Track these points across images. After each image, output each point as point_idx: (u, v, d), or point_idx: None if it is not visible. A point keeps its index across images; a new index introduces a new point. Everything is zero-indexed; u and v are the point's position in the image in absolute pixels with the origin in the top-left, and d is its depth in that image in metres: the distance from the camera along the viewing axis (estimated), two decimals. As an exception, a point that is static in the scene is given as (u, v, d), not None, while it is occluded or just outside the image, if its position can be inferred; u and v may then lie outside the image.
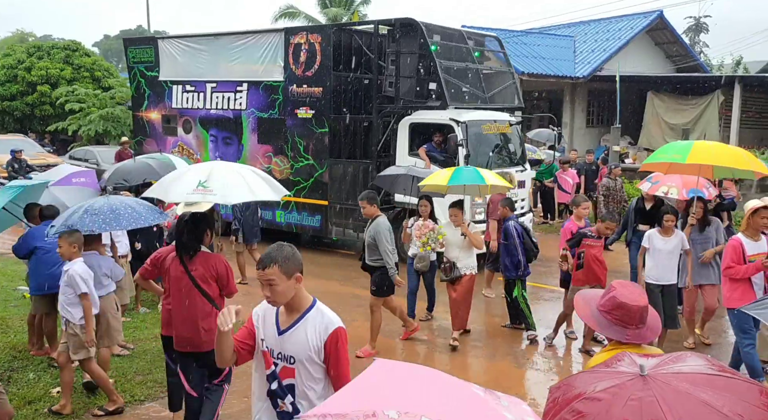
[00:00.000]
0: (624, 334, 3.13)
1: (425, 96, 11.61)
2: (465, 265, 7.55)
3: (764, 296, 4.02)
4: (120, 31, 68.89)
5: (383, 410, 1.74)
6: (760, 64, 30.37)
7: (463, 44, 11.80)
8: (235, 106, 13.24)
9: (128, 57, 14.83)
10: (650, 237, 7.29)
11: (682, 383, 2.33)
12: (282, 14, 29.70)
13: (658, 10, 23.68)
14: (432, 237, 7.71)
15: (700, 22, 46.40)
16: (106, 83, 26.28)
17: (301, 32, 12.29)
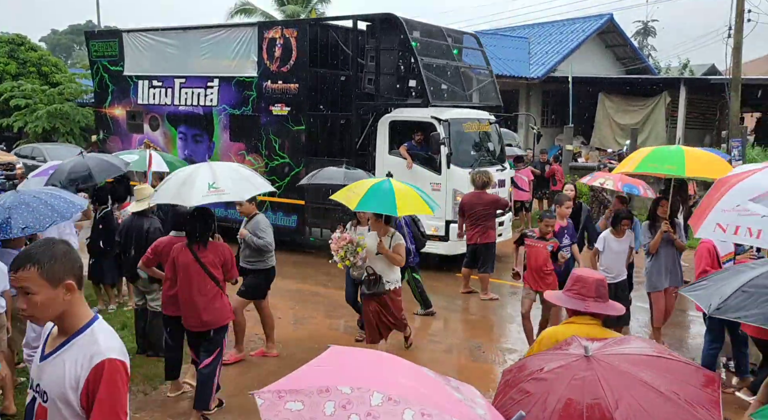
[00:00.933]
0: (583, 305, 3.35)
1: (405, 93, 11.24)
2: (390, 278, 6.47)
3: (701, 278, 4.19)
4: (69, 26, 65.77)
5: (337, 386, 1.76)
6: (705, 67, 31.23)
7: (442, 41, 11.47)
8: (206, 103, 12.58)
9: (90, 51, 13.95)
10: (606, 239, 7.32)
11: (623, 364, 2.42)
12: (238, 10, 28.77)
13: (608, 14, 24.20)
14: (350, 250, 6.35)
15: (648, 26, 47.41)
16: (54, 79, 24.84)
17: (276, 27, 11.74)
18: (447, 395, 1.91)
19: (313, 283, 10.05)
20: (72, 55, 59.05)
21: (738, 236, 4.52)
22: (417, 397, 1.80)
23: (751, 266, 3.32)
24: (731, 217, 4.55)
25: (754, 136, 20.86)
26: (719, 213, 4.66)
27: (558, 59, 22.00)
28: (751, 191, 4.61)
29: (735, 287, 3.00)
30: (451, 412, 1.78)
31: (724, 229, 4.57)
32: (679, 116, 19.24)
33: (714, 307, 2.97)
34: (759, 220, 4.40)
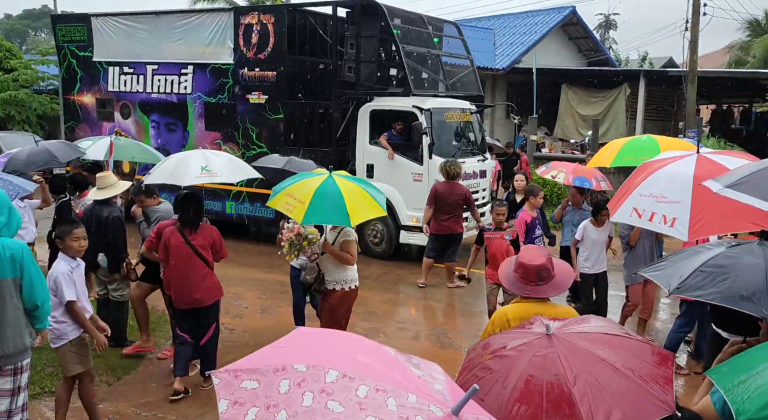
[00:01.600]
0: (524, 290, 3.49)
1: (386, 82, 10.92)
2: (336, 278, 5.73)
3: (661, 259, 4.24)
4: (23, 11, 63.41)
5: (293, 364, 1.77)
6: (664, 60, 31.56)
7: (423, 29, 11.16)
8: (180, 90, 12.07)
9: (57, 35, 13.28)
10: (585, 228, 7.13)
11: (582, 341, 2.50)
12: None
13: (570, 6, 24.48)
14: (295, 244, 5.55)
15: (609, 19, 47.80)
16: (8, 65, 23.54)
17: (253, 12, 11.29)
18: (405, 372, 1.90)
19: (280, 273, 9.36)
20: (27, 40, 56.84)
21: (652, 223, 4.38)
22: (373, 374, 1.80)
23: (708, 247, 3.35)
24: (648, 202, 4.42)
25: (709, 127, 21.16)
26: (637, 198, 4.54)
27: (522, 51, 22.07)
28: (671, 179, 4.47)
29: (694, 267, 3.05)
30: (407, 388, 1.77)
31: (640, 215, 4.45)
32: (638, 108, 19.41)
33: (674, 287, 3.03)
34: (675, 207, 4.26)
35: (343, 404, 1.68)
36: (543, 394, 2.34)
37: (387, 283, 9.67)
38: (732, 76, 20.75)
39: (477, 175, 10.92)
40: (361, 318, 7.93)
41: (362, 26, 10.60)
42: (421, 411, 1.71)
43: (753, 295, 2.83)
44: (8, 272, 3.76)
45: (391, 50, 10.78)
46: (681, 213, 4.19)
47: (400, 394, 1.73)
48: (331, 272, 5.73)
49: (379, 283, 9.53)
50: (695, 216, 4.12)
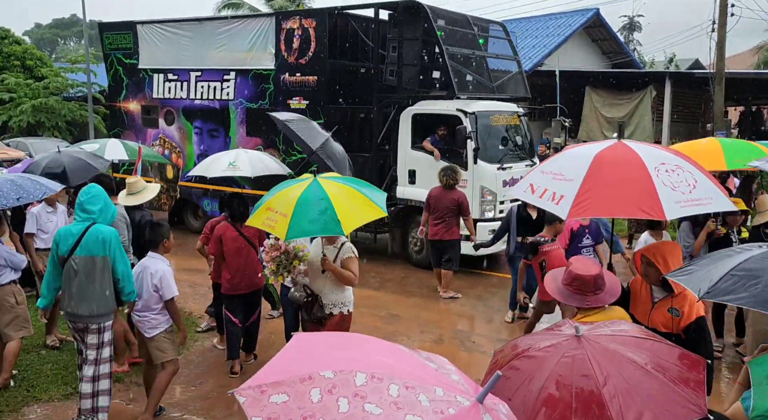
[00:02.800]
0: (584, 302, 3.41)
1: (429, 85, 10.42)
2: (333, 300, 5.06)
3: (689, 263, 3.82)
4: (53, 20, 64.56)
5: (318, 372, 1.72)
6: (690, 61, 30.57)
7: (468, 30, 10.62)
8: (222, 96, 11.86)
9: (104, 43, 13.27)
10: (646, 242, 6.39)
11: (612, 343, 2.46)
12: (225, 5, 27.89)
13: (594, 8, 24.11)
14: (283, 263, 4.94)
15: (633, 20, 46.09)
16: (39, 73, 23.99)
17: (294, 17, 10.96)
18: (423, 366, 1.90)
19: None
20: (56, 49, 58.12)
21: (542, 200, 4.16)
22: (397, 372, 1.78)
23: (738, 250, 3.25)
24: (546, 179, 4.23)
25: (738, 129, 20.52)
26: (538, 174, 4.39)
27: (545, 53, 21.66)
28: (574, 158, 4.25)
29: (724, 271, 2.99)
30: (432, 382, 1.77)
31: (533, 191, 4.26)
32: (665, 110, 19.02)
33: (704, 291, 2.95)
34: (567, 185, 4.01)
35: (380, 405, 1.65)
36: (572, 395, 2.29)
37: (409, 286, 9.38)
38: (761, 77, 20.14)
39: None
40: (384, 321, 7.81)
41: (405, 28, 10.15)
42: (451, 403, 1.70)
43: None
44: (99, 251, 4.70)
45: (434, 52, 10.29)
46: (570, 191, 3.95)
47: (428, 389, 1.71)
48: (329, 294, 5.00)
49: (402, 287, 9.25)
50: (581, 195, 3.90)
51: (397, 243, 10.62)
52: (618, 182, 3.89)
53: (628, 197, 3.84)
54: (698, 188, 3.89)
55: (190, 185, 12.34)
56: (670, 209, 3.73)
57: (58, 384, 5.80)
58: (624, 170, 3.97)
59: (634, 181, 3.88)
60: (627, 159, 4.02)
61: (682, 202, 3.80)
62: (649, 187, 3.79)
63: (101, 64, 24.35)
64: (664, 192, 3.77)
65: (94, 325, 4.72)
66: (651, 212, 3.75)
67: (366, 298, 8.72)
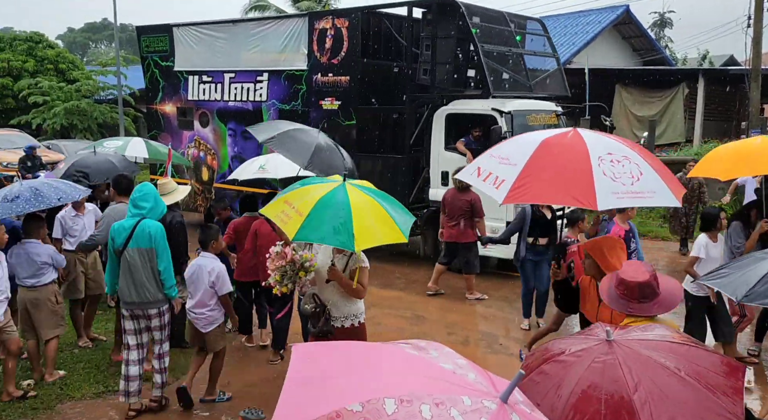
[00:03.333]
0: (627, 307, 3.25)
1: (463, 84, 10.08)
2: (345, 312, 4.66)
3: (720, 267, 3.70)
4: (84, 24, 65.85)
5: (345, 407, 1.61)
6: (724, 58, 29.77)
7: (504, 27, 10.23)
8: (255, 98, 11.75)
9: (141, 46, 13.35)
10: (706, 245, 6.02)
11: (645, 349, 2.39)
12: (252, 7, 27.94)
13: (624, 5, 23.67)
14: (288, 273, 4.55)
15: (664, 17, 45.35)
16: (71, 76, 24.53)
17: (327, 17, 10.77)
18: (441, 372, 1.82)
19: None
20: (87, 52, 59.31)
21: (485, 184, 4.00)
22: (422, 388, 1.70)
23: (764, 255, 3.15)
24: (493, 163, 4.08)
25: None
26: (487, 158, 4.24)
27: (574, 51, 21.24)
28: (524, 143, 4.11)
29: (761, 274, 2.92)
30: (457, 391, 1.71)
31: (479, 174, 4.12)
32: (697, 108, 18.45)
33: (742, 295, 2.88)
34: (509, 170, 3.88)
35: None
36: (602, 401, 2.22)
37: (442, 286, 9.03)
38: None
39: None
40: (411, 322, 7.72)
41: (439, 26, 9.84)
42: (481, 411, 1.67)
43: None
44: (147, 244, 5.12)
45: (469, 50, 9.94)
46: (510, 176, 3.83)
47: (455, 400, 1.67)
48: (340, 305, 4.64)
49: (427, 288, 8.92)
50: (520, 180, 3.78)
51: (429, 246, 10.31)
52: (557, 169, 3.78)
53: (562, 185, 3.72)
54: (642, 181, 3.75)
55: (225, 187, 12.29)
56: (603, 200, 3.60)
57: (90, 382, 5.91)
58: (566, 158, 3.84)
59: (572, 169, 3.75)
60: (572, 146, 3.89)
61: (620, 194, 3.67)
62: (586, 176, 3.67)
63: (131, 66, 24.89)
64: (601, 182, 3.65)
65: (153, 310, 5.23)
66: (583, 201, 3.65)
67: (391, 298, 8.63)
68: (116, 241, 5.13)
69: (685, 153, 16.23)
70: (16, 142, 17.72)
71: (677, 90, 19.02)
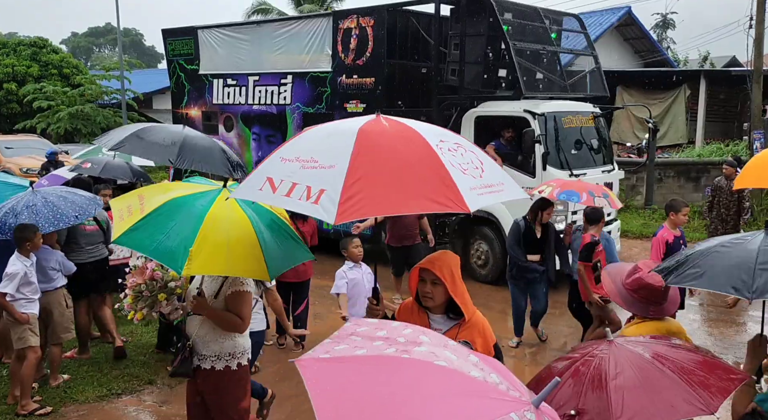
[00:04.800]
0: (647, 311, 3.27)
1: (494, 85, 9.45)
2: (216, 351, 3.63)
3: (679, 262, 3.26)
4: (88, 28, 65.76)
5: None
6: (726, 59, 28.92)
7: (539, 23, 9.56)
8: (279, 101, 11.32)
9: (167, 50, 13.07)
10: None
11: (639, 347, 2.57)
12: (255, 11, 27.77)
13: (626, 7, 23.29)
14: (143, 294, 3.69)
15: (666, 18, 44.34)
16: (75, 81, 24.42)
17: (352, 16, 10.26)
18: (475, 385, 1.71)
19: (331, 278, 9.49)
20: (91, 57, 59.39)
21: (290, 199, 2.72)
22: (475, 415, 1.61)
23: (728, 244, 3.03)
24: (291, 169, 2.81)
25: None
26: (276, 164, 2.93)
27: None
28: (329, 135, 2.98)
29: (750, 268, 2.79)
30: (502, 409, 1.63)
31: (274, 188, 2.79)
32: (699, 109, 18.27)
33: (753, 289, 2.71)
34: (327, 174, 2.70)
35: None
36: (583, 384, 2.43)
37: None
38: None
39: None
40: None
41: (468, 24, 9.25)
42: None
43: None
44: None
45: (500, 49, 9.31)
46: (332, 183, 2.66)
47: None
48: (209, 341, 3.59)
49: None
50: (350, 187, 2.62)
51: (458, 255, 9.69)
52: (399, 166, 2.74)
53: (414, 186, 2.71)
54: (487, 171, 2.96)
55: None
56: (470, 199, 2.72)
57: (93, 385, 5.91)
58: (404, 149, 2.82)
59: (419, 163, 2.77)
60: (402, 134, 2.91)
61: (478, 189, 2.82)
62: (441, 172, 2.74)
63: (135, 71, 24.80)
64: (457, 176, 2.76)
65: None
66: (451, 204, 2.69)
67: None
68: None
69: (687, 154, 15.83)
70: (34, 148, 17.64)
71: (679, 91, 18.74)
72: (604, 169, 9.27)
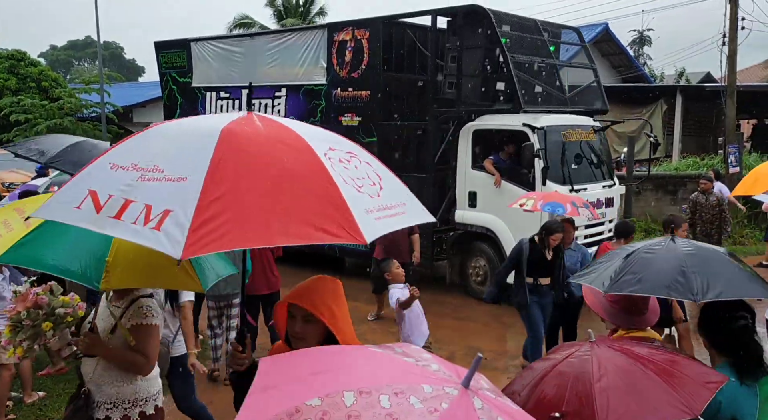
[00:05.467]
0: (632, 322, 3.22)
1: (492, 98, 9.22)
2: (113, 397, 3.06)
3: (586, 266, 3.63)
4: (67, 42, 64.89)
5: (304, 402, 1.54)
6: (701, 75, 29.96)
7: (537, 36, 9.36)
8: (273, 114, 11.05)
9: (160, 62, 12.83)
10: None
11: (623, 349, 2.58)
12: (237, 25, 27.71)
13: (603, 23, 23.57)
14: (23, 324, 3.01)
15: (643, 35, 45.01)
16: (54, 94, 23.79)
17: (347, 28, 10.05)
18: (402, 365, 1.72)
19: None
20: (71, 70, 58.31)
21: (121, 223, 1.92)
22: (382, 379, 1.62)
23: (650, 251, 3.11)
24: (124, 180, 2.03)
25: (751, 142, 20.01)
26: (103, 169, 2.12)
27: None
28: (184, 136, 2.19)
29: (684, 271, 2.88)
30: (417, 380, 1.64)
31: (99, 206, 1.99)
32: (676, 123, 18.66)
33: (695, 292, 2.77)
34: (175, 190, 1.95)
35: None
36: (567, 387, 2.42)
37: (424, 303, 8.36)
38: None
39: (602, 204, 8.91)
40: (396, 337, 7.42)
41: (465, 36, 9.04)
42: (441, 397, 1.60)
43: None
44: None
45: (498, 61, 9.09)
46: (183, 200, 1.92)
47: (416, 389, 1.60)
48: (104, 385, 3.03)
49: None
50: (207, 208, 1.90)
51: (456, 272, 9.43)
52: (276, 181, 2.04)
53: (297, 209, 2.01)
54: (386, 189, 2.30)
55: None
56: (366, 226, 2.06)
57: None
58: (283, 158, 2.11)
59: (302, 178, 2.09)
60: (278, 138, 2.20)
61: (375, 212, 2.17)
62: (331, 189, 2.09)
63: (115, 84, 24.34)
64: (350, 196, 2.11)
65: (236, 300, 6.16)
66: (343, 234, 2.01)
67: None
68: None
69: (665, 168, 16.00)
70: (17, 162, 17.30)
71: (656, 106, 18.90)
72: (605, 184, 9.04)
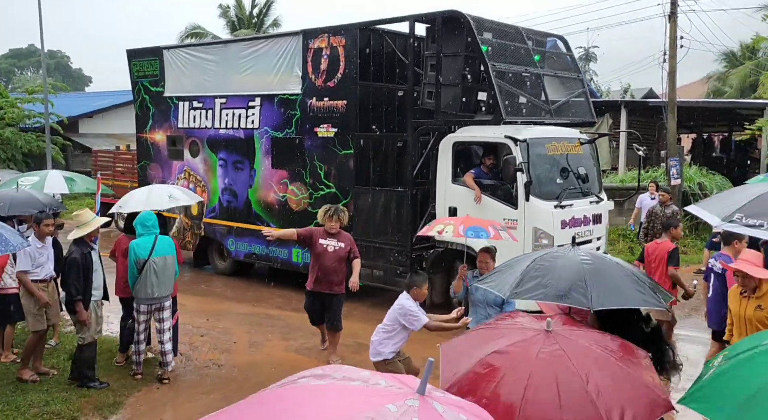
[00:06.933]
0: None
1: (473, 109, 8.71)
2: None
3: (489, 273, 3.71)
4: (9, 50, 62.85)
5: None
6: (644, 91, 30.47)
7: (520, 44, 8.86)
8: (247, 125, 10.54)
9: (132, 71, 12.27)
10: None
11: (582, 339, 2.59)
12: (188, 34, 27.18)
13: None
14: None
15: (589, 52, 45.68)
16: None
17: (322, 35, 9.53)
18: (356, 390, 1.76)
19: (268, 306, 9.60)
20: (12, 79, 56.30)
21: None
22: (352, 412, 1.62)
23: (549, 259, 3.14)
24: None
25: (691, 155, 21.13)
26: None
27: None
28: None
29: (584, 280, 2.92)
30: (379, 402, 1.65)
31: None
32: (621, 137, 18.97)
33: (592, 302, 2.82)
34: None
35: None
36: (557, 392, 2.32)
37: (381, 313, 7.70)
38: (710, 106, 20.69)
39: (589, 221, 8.41)
40: (352, 350, 7.40)
41: (444, 43, 8.54)
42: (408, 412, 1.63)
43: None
44: (169, 252, 6.49)
45: (479, 70, 8.59)
46: None
47: (384, 412, 1.61)
48: None
49: (372, 315, 7.98)
50: None
51: (438, 292, 8.86)
52: None
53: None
54: None
55: (215, 222, 11.05)
56: None
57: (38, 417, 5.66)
58: None
59: None
60: None
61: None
62: None
63: (60, 94, 23.40)
64: None
65: (168, 302, 6.56)
66: None
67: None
68: (140, 254, 6.27)
69: (611, 180, 16.33)
70: None
71: (602, 120, 19.17)
72: (592, 200, 8.53)
